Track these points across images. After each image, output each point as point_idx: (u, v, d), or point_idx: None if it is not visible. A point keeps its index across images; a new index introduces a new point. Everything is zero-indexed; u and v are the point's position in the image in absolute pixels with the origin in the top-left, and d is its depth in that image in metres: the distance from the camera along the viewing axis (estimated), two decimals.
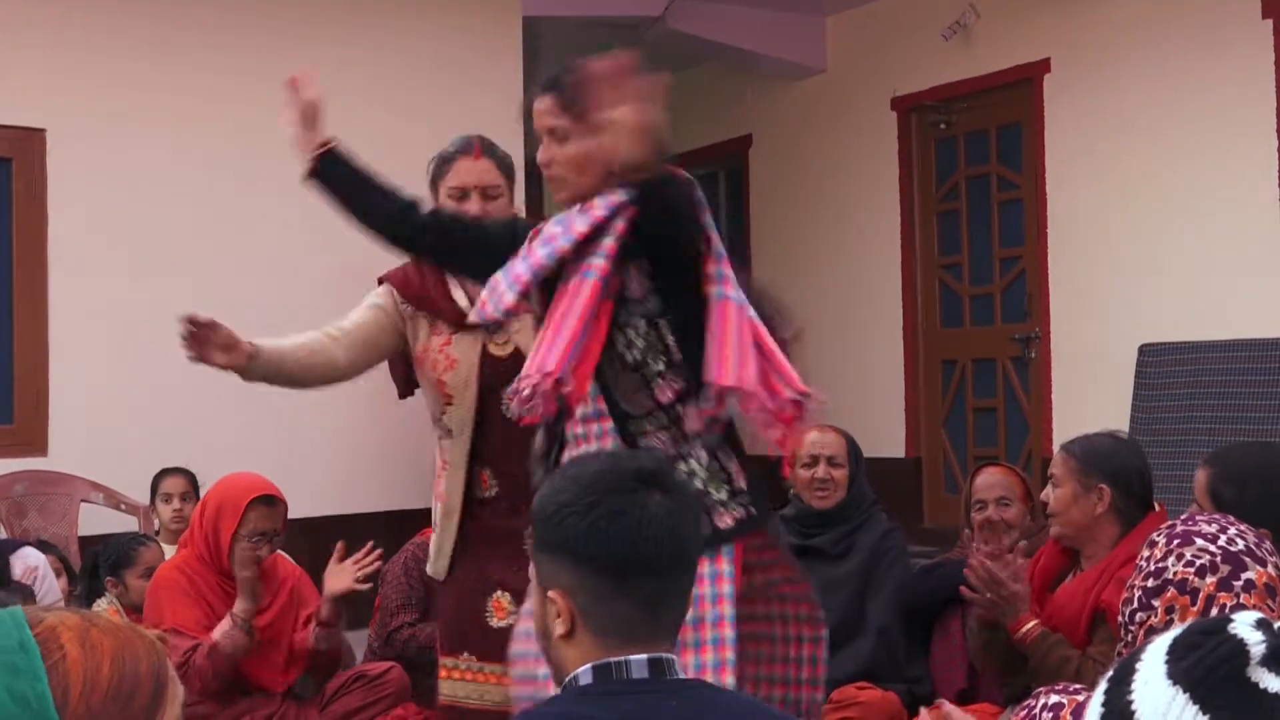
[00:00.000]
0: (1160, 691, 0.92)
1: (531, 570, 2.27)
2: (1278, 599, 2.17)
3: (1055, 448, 6.40)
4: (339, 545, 3.72)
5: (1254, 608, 2.11)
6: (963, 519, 3.97)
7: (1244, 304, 5.98)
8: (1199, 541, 2.15)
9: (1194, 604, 2.11)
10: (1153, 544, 2.28)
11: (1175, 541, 2.19)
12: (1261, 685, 0.89)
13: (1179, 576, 2.13)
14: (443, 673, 3.11)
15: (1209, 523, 2.24)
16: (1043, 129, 6.93)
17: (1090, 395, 6.65)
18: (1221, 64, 6.11)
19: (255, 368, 2.87)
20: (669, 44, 7.82)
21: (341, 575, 3.65)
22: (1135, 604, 2.20)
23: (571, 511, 1.69)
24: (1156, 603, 2.15)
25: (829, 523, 3.75)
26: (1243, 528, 2.25)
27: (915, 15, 7.52)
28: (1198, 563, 2.13)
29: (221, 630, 3.55)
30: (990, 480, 3.84)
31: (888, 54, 7.73)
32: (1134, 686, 0.94)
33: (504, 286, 2.47)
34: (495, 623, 3.03)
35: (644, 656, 1.66)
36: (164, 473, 5.03)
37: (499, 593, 3.03)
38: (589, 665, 1.65)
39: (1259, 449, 2.96)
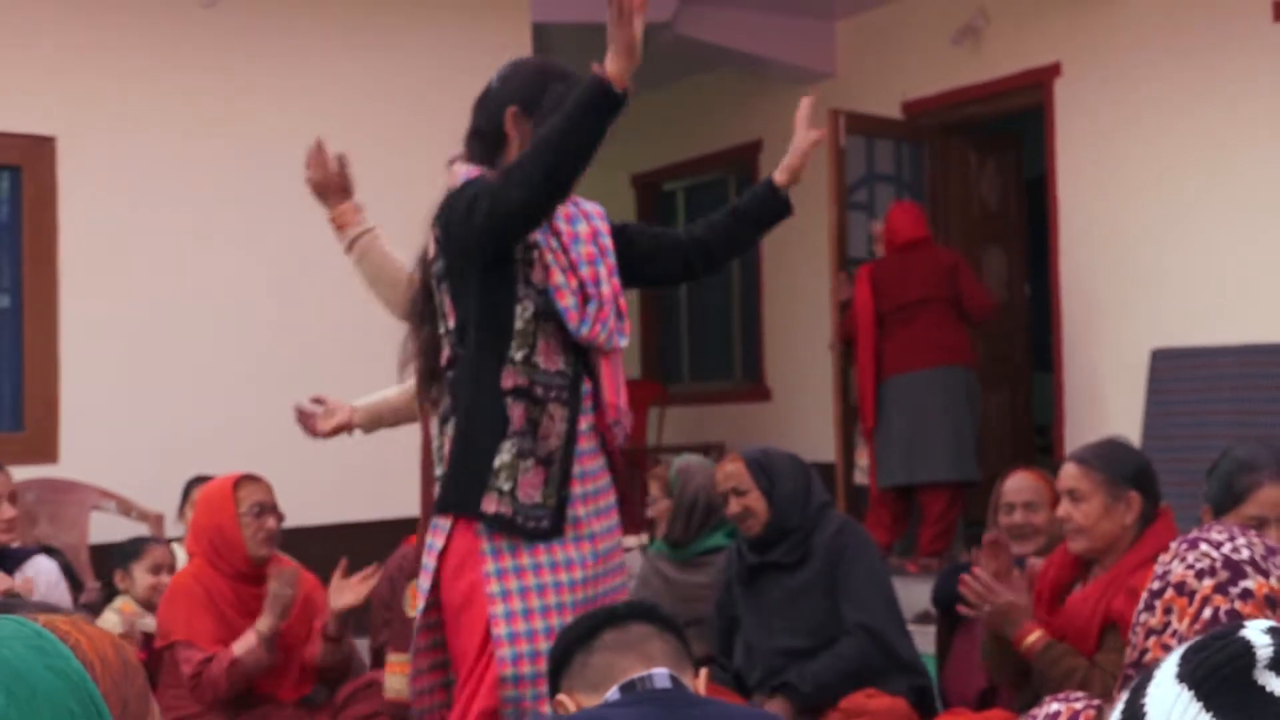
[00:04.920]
0: (1169, 690, 0.93)
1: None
2: (1278, 611, 2.15)
3: (1068, 455, 6.42)
4: (342, 561, 3.73)
5: (1248, 616, 2.10)
6: (990, 521, 3.95)
7: (1257, 308, 5.96)
8: (1203, 546, 2.15)
9: (1190, 604, 2.11)
10: (1167, 549, 2.27)
11: (1184, 546, 2.19)
12: (1268, 689, 0.89)
13: (1179, 579, 2.13)
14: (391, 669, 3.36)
15: (1220, 532, 2.23)
16: (1054, 133, 6.92)
17: (1102, 401, 6.63)
18: (1232, 68, 6.10)
19: (360, 426, 3.63)
20: (678, 49, 7.83)
21: (345, 590, 3.65)
22: (1141, 605, 2.20)
23: None
24: (1157, 604, 2.15)
25: (777, 538, 3.74)
26: (1254, 539, 2.22)
27: (924, 19, 7.52)
28: (1198, 566, 2.13)
29: (244, 645, 3.54)
30: (1019, 484, 3.79)
31: (897, 58, 7.73)
32: (1149, 688, 0.95)
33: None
34: (410, 612, 3.12)
35: (665, 670, 1.79)
36: (196, 480, 5.03)
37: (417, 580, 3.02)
38: (616, 686, 1.79)
39: None
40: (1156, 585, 2.20)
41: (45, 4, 5.63)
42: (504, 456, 2.59)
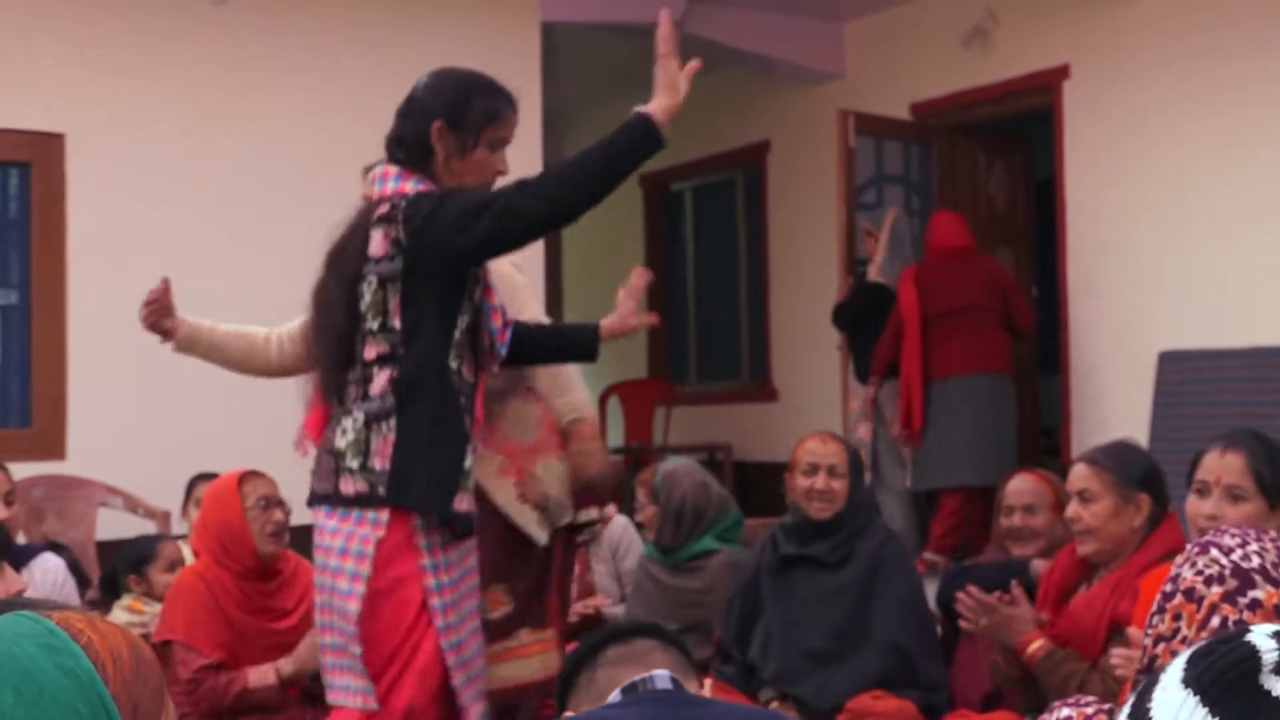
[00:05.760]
0: (1174, 695, 0.93)
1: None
2: None
3: (1075, 457, 6.41)
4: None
5: None
6: (993, 523, 3.94)
7: (1265, 311, 5.95)
8: (1213, 552, 2.14)
9: (1199, 611, 2.10)
10: (1180, 551, 2.26)
11: (1195, 550, 2.19)
12: (1274, 693, 0.89)
13: (1187, 584, 2.13)
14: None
15: (1232, 536, 2.22)
16: (1062, 135, 6.92)
17: (1109, 403, 6.62)
18: (1241, 70, 6.09)
19: (183, 346, 3.33)
20: (686, 49, 7.77)
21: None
22: (1154, 608, 2.20)
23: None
24: (1167, 608, 2.15)
25: (826, 532, 3.71)
26: (1268, 544, 2.22)
27: (933, 21, 7.52)
28: (1206, 572, 2.13)
29: (261, 679, 3.54)
30: (1020, 486, 3.77)
31: (906, 59, 7.72)
32: (1155, 693, 0.95)
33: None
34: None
35: (666, 672, 1.82)
36: (199, 478, 5.03)
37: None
38: (619, 688, 1.82)
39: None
40: (1168, 589, 2.20)
41: (54, 1, 5.64)
42: (469, 460, 2.73)
